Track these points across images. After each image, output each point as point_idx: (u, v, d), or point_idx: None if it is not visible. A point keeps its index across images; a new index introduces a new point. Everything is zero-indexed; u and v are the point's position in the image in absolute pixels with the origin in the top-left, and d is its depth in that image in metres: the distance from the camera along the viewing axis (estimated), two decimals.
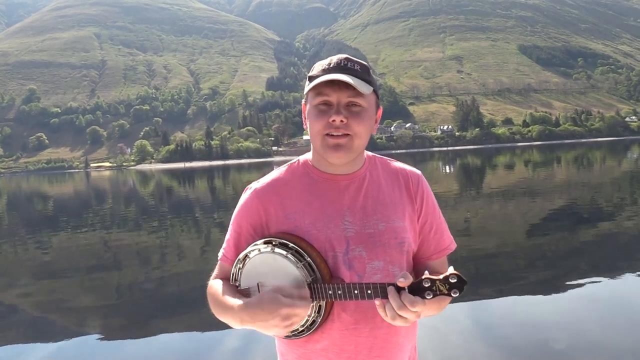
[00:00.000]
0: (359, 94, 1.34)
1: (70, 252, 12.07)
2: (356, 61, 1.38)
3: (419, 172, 1.53)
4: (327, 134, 1.35)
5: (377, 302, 1.24)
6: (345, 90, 1.33)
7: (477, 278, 7.08)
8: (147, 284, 8.39)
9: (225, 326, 5.98)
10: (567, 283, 6.59)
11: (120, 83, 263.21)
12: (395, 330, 1.40)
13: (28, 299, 7.77)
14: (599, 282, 6.53)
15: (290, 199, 1.43)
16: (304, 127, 1.45)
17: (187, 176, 61.45)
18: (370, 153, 1.51)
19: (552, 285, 6.53)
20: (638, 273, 7.02)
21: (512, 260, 8.31)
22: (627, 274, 6.95)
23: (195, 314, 6.21)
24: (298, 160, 1.50)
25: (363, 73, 1.36)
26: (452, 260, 9.39)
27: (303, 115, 1.45)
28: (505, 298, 6.25)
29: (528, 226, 11.69)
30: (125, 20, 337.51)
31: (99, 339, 5.71)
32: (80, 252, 11.95)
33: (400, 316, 1.21)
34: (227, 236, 1.49)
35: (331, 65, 1.36)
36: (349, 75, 1.33)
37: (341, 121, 1.33)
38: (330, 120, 1.33)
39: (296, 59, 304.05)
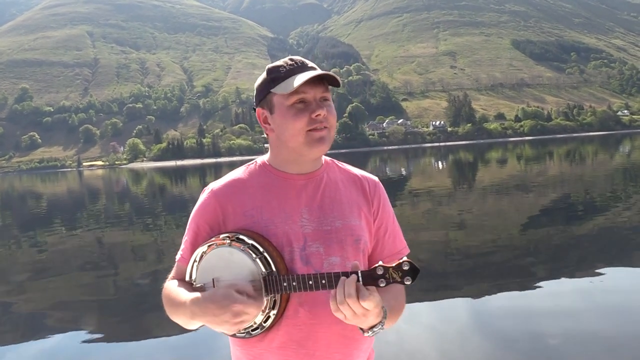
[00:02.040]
0: (327, 89, 1.40)
1: (64, 251, 12.08)
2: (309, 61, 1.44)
3: (376, 178, 1.57)
4: (310, 130, 1.37)
5: (332, 292, 1.24)
6: (319, 86, 1.38)
7: (473, 273, 7.16)
8: (142, 282, 8.42)
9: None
10: (563, 277, 6.67)
11: (113, 81, 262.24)
12: (354, 326, 1.35)
13: (22, 298, 7.79)
14: (595, 275, 6.59)
15: (248, 197, 1.44)
16: (267, 132, 1.47)
17: (179, 174, 61.38)
18: (328, 158, 1.54)
19: (548, 279, 6.60)
20: (633, 266, 7.12)
21: (508, 255, 8.37)
22: (622, 267, 7.06)
23: None
24: (255, 161, 1.53)
25: (335, 62, 1.49)
26: (448, 254, 8.98)
27: (261, 121, 1.46)
28: (501, 293, 6.27)
29: (522, 221, 11.74)
30: (118, 18, 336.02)
31: (95, 337, 5.72)
32: (74, 250, 11.97)
33: (345, 305, 1.21)
34: (185, 237, 1.50)
35: (297, 64, 1.40)
36: (316, 72, 1.38)
37: (324, 115, 1.37)
38: (315, 115, 1.36)
39: (290, 55, 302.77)
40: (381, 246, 1.53)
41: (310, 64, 1.42)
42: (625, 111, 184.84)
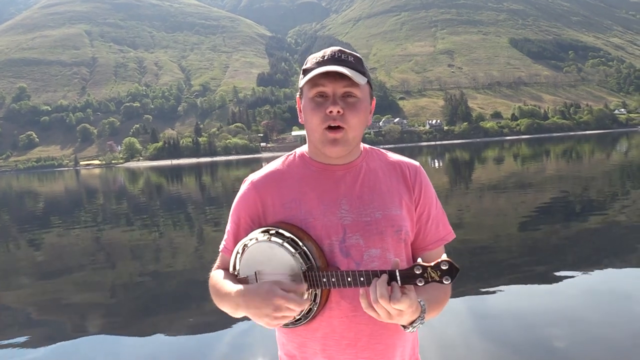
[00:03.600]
0: (354, 84, 1.36)
1: (63, 250, 12.09)
2: (350, 53, 1.40)
3: (417, 163, 1.54)
4: (327, 128, 1.37)
5: (360, 291, 1.25)
6: (341, 81, 1.35)
7: (472, 272, 7.16)
8: (142, 281, 8.45)
9: (221, 323, 5.64)
10: (562, 275, 6.70)
11: (111, 80, 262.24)
12: None
13: (21, 297, 7.78)
14: (593, 273, 6.66)
15: (286, 189, 1.44)
16: (300, 120, 1.48)
17: (175, 173, 61.37)
18: (367, 146, 1.54)
19: (548, 277, 6.63)
20: (632, 264, 7.17)
21: (507, 254, 8.41)
22: (621, 265, 7.09)
23: (191, 310, 6.26)
24: (294, 152, 1.53)
25: (357, 64, 1.38)
26: (446, 253, 9.49)
27: (298, 108, 1.47)
28: (501, 291, 6.28)
29: (521, 219, 11.77)
30: (116, 17, 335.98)
31: (94, 336, 5.73)
32: (73, 249, 11.97)
33: (378, 304, 1.21)
34: (227, 228, 1.52)
35: (325, 58, 1.39)
36: (343, 66, 1.35)
37: (338, 112, 1.35)
38: (327, 111, 1.35)
39: (288, 54, 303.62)
40: (424, 233, 1.51)
41: (348, 57, 1.40)
42: (622, 110, 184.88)
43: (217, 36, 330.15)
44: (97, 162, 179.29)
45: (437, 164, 41.64)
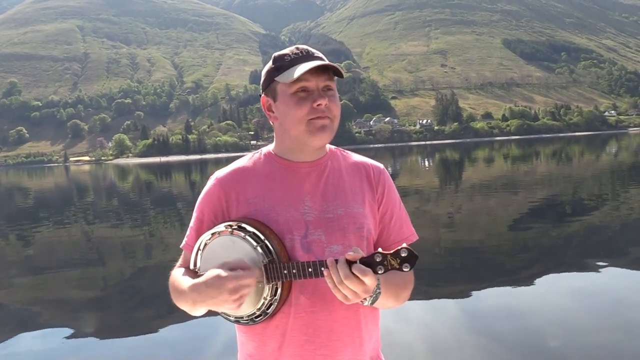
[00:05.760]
0: (331, 78, 1.40)
1: (53, 246, 12.09)
2: (316, 50, 1.45)
3: (381, 165, 1.57)
4: (312, 119, 1.38)
5: (325, 272, 1.24)
6: (322, 75, 1.38)
7: (463, 272, 7.23)
8: (132, 277, 8.47)
9: (211, 318, 5.41)
10: (553, 275, 6.80)
11: (103, 76, 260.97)
12: (356, 314, 1.42)
13: (11, 293, 7.78)
14: (583, 274, 6.75)
15: (251, 185, 1.45)
16: (271, 120, 1.48)
17: (164, 170, 61.44)
18: (332, 146, 1.56)
19: (538, 277, 6.70)
20: (621, 263, 7.28)
21: (498, 254, 8.47)
22: (610, 266, 7.16)
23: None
24: (260, 151, 1.54)
25: (327, 58, 1.43)
26: (437, 253, 8.74)
27: (265, 109, 1.48)
28: (492, 291, 6.36)
29: (511, 220, 11.85)
30: (109, 13, 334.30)
31: (85, 333, 5.72)
32: (63, 246, 12.00)
33: (344, 285, 1.21)
34: (190, 224, 1.51)
35: (302, 54, 1.41)
36: (321, 61, 1.39)
37: (325, 104, 1.38)
38: (316, 104, 1.37)
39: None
40: (387, 233, 1.53)
41: (317, 53, 1.43)
42: (613, 112, 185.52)
43: (211, 33, 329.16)
44: (86, 158, 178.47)
45: (427, 164, 41.92)
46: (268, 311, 1.38)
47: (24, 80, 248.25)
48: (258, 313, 1.38)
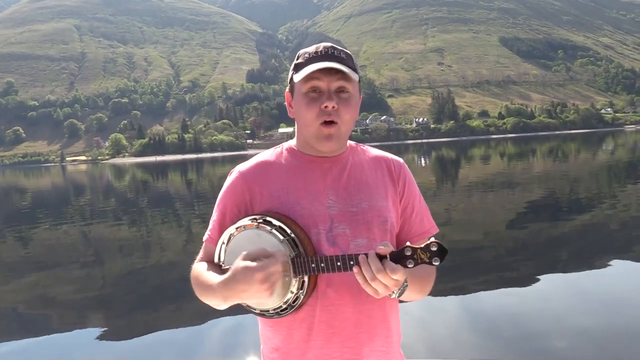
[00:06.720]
0: (347, 80, 1.39)
1: (50, 246, 12.13)
2: (341, 49, 1.43)
3: (401, 159, 1.58)
4: (322, 124, 1.39)
5: (355, 269, 1.25)
6: (335, 75, 1.38)
7: (461, 270, 7.25)
8: (130, 276, 8.48)
9: (210, 316, 5.68)
10: (550, 273, 6.82)
11: (100, 76, 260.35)
12: (381, 307, 1.43)
13: (9, 293, 7.80)
14: (580, 271, 6.80)
15: (274, 178, 1.46)
16: (290, 114, 1.50)
17: (160, 170, 61.44)
18: (352, 142, 1.56)
19: (535, 275, 6.72)
20: (617, 261, 7.30)
21: (495, 252, 8.51)
22: (607, 263, 7.20)
23: (179, 305, 6.31)
24: (282, 146, 1.55)
25: (348, 60, 1.41)
26: None
27: (287, 103, 1.49)
28: (489, 289, 6.41)
29: (509, 218, 11.88)
30: (106, 12, 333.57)
31: (84, 333, 5.73)
32: (61, 246, 12.05)
33: (377, 281, 1.22)
34: (213, 217, 1.51)
35: (319, 53, 1.40)
36: (337, 62, 1.38)
37: (333, 107, 1.37)
38: (323, 106, 1.37)
39: (278, 50, 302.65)
40: (408, 226, 1.54)
41: (339, 52, 1.42)
42: (609, 109, 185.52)
43: (208, 32, 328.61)
44: (83, 157, 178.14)
45: (423, 162, 41.93)
46: (294, 304, 1.38)
47: (20, 79, 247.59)
48: (284, 306, 1.38)
